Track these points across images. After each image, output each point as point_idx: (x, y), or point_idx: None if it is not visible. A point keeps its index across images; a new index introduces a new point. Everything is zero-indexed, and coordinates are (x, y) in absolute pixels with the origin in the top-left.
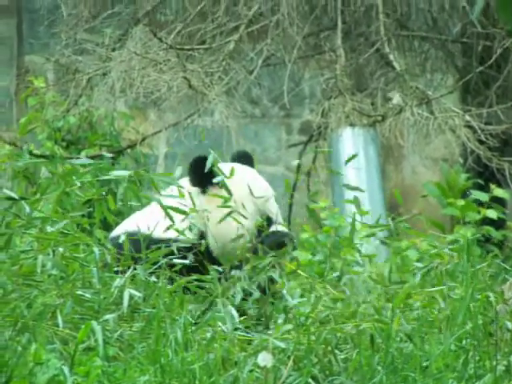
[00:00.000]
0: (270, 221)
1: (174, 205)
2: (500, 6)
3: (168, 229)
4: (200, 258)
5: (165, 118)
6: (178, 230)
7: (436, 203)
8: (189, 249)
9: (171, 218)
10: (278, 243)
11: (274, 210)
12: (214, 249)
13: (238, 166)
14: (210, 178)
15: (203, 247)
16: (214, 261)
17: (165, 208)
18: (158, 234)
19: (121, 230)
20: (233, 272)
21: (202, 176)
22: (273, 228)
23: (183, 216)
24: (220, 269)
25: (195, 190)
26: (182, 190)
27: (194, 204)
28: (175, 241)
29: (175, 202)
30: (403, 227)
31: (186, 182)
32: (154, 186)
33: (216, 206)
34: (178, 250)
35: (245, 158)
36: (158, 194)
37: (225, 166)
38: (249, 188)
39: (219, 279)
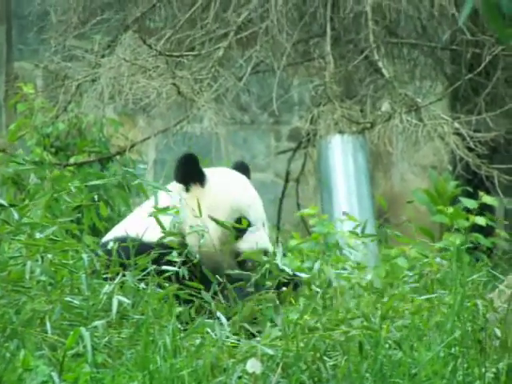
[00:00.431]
0: (248, 224)
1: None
2: (488, 14)
3: (162, 238)
4: (192, 269)
5: (154, 124)
6: (164, 232)
7: (425, 210)
8: (183, 262)
9: (164, 229)
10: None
11: (255, 215)
12: (193, 249)
13: (226, 171)
14: (195, 177)
15: (196, 260)
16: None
17: (158, 219)
18: (149, 238)
19: (111, 236)
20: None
21: (187, 173)
22: (250, 233)
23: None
24: (217, 279)
25: (179, 188)
26: (172, 197)
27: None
28: (166, 246)
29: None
30: (391, 234)
31: (173, 184)
32: (143, 191)
33: (196, 204)
34: (170, 261)
35: (241, 168)
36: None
37: (214, 170)
38: (228, 191)
39: (215, 291)
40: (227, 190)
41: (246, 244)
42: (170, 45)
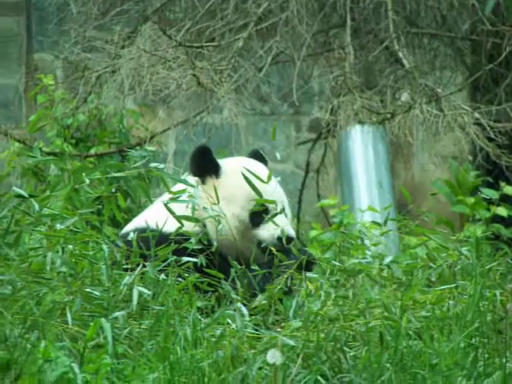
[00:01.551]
0: (267, 211)
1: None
2: (509, 3)
3: (179, 228)
4: (211, 258)
5: (174, 115)
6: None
7: (445, 201)
8: (201, 250)
9: (174, 215)
10: (306, 264)
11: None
12: (213, 238)
13: (241, 159)
14: (210, 168)
15: (215, 248)
16: (225, 259)
17: (168, 206)
18: (169, 229)
19: (131, 226)
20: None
21: (202, 166)
22: (269, 220)
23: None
24: (237, 266)
25: (195, 181)
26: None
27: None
28: (185, 237)
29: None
30: (412, 224)
31: (190, 178)
32: (164, 183)
33: (213, 195)
34: (190, 249)
35: (257, 157)
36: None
37: (229, 160)
38: (244, 176)
39: (233, 278)
40: (241, 179)
41: (266, 232)
42: (189, 36)
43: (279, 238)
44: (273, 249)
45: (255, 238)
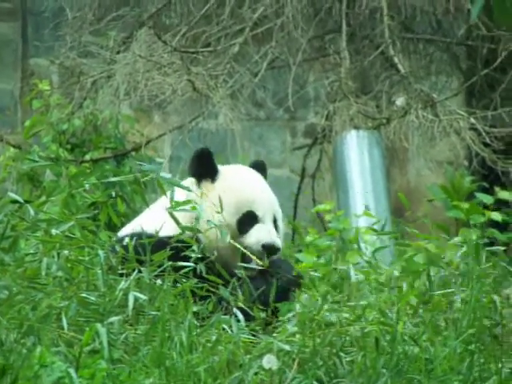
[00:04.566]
0: (255, 219)
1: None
2: (497, 9)
3: (180, 234)
4: (210, 265)
5: (169, 120)
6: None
7: (441, 206)
8: (201, 258)
9: (179, 224)
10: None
11: (263, 210)
12: (210, 243)
13: (239, 167)
14: (207, 172)
15: (214, 256)
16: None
17: (173, 215)
18: (165, 234)
19: (127, 231)
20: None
21: (200, 168)
22: (256, 228)
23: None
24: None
25: (192, 182)
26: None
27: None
28: (182, 242)
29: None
30: (409, 230)
31: (188, 180)
32: (161, 187)
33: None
34: (188, 257)
35: (257, 167)
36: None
37: (228, 167)
38: (237, 184)
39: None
40: (234, 185)
41: (252, 239)
42: (185, 41)
43: (264, 246)
44: (259, 261)
45: (241, 246)
